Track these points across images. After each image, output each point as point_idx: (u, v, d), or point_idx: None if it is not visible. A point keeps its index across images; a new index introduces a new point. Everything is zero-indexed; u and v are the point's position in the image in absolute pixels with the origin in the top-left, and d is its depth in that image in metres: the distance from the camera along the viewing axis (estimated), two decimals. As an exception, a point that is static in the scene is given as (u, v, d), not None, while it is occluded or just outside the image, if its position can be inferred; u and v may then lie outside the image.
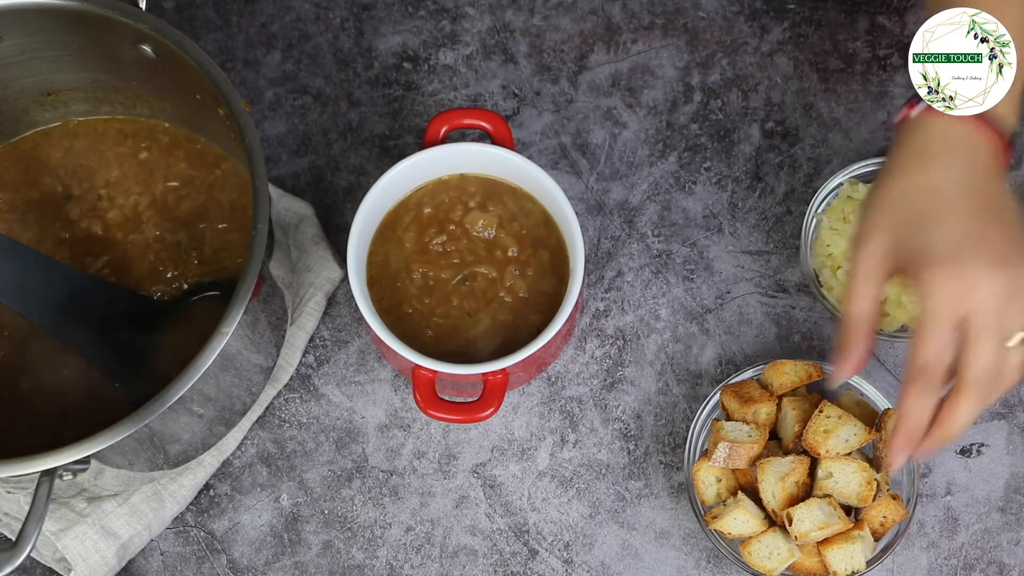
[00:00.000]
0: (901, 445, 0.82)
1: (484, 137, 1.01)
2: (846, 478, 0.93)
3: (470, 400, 0.94)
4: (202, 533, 1.02)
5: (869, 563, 0.94)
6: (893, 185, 0.83)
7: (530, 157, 1.00)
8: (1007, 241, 0.81)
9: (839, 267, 1.02)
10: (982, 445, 1.03)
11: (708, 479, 0.97)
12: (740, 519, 0.94)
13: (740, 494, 0.95)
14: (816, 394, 0.99)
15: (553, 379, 1.05)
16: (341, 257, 1.02)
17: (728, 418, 0.98)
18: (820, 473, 0.93)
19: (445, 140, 0.99)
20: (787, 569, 0.95)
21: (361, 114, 1.11)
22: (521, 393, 1.04)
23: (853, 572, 0.93)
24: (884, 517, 0.94)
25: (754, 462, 0.95)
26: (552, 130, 1.10)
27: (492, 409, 0.93)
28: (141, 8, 0.90)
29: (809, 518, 0.92)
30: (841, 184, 1.04)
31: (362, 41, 1.13)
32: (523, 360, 0.93)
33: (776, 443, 0.97)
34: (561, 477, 1.03)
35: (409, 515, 1.02)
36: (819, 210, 1.04)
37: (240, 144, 0.88)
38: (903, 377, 0.82)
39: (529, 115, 1.11)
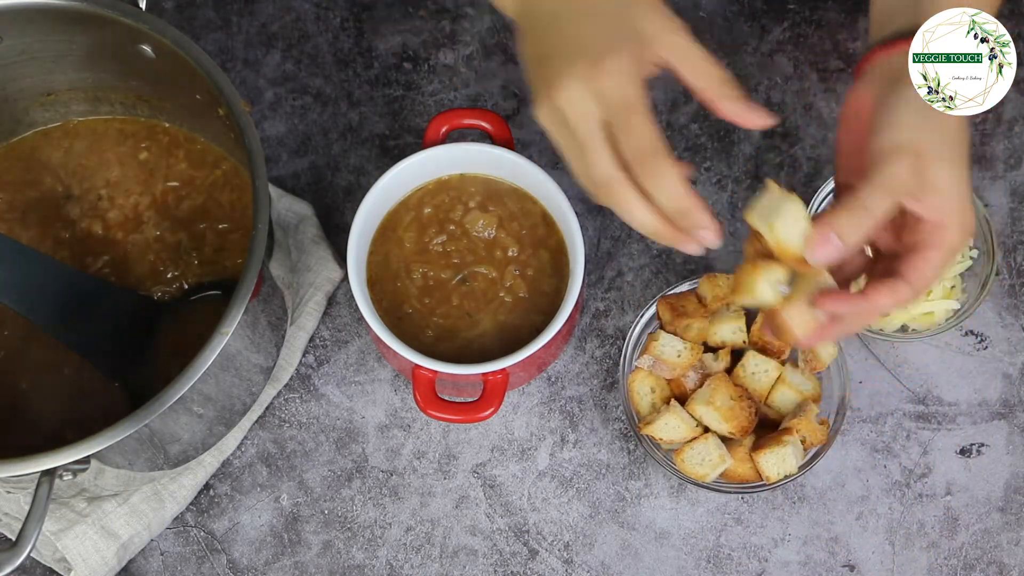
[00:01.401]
0: (837, 302, 0.80)
1: (484, 137, 1.01)
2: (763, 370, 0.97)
3: (470, 400, 0.94)
4: (202, 533, 1.02)
5: (800, 467, 0.96)
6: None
7: (530, 157, 1.00)
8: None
9: (839, 267, 1.02)
10: (982, 445, 1.03)
11: (643, 389, 0.98)
12: (672, 424, 0.95)
13: (673, 402, 0.97)
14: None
15: (553, 379, 1.05)
16: (341, 257, 1.02)
17: (662, 328, 1.00)
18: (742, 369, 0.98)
19: (445, 140, 0.99)
20: (720, 476, 0.97)
21: (361, 114, 1.11)
22: (521, 393, 1.04)
23: (785, 476, 0.95)
24: (804, 438, 0.96)
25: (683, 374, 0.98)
26: (552, 130, 1.10)
27: (492, 409, 0.93)
28: (141, 8, 0.90)
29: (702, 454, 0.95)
30: (841, 184, 1.04)
31: (362, 41, 1.13)
32: (523, 360, 0.93)
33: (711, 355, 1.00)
34: (561, 477, 1.03)
35: (409, 515, 1.02)
36: (819, 210, 1.04)
37: (240, 144, 0.88)
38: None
39: (529, 115, 1.11)
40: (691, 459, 0.95)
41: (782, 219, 0.78)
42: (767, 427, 0.99)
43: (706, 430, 0.96)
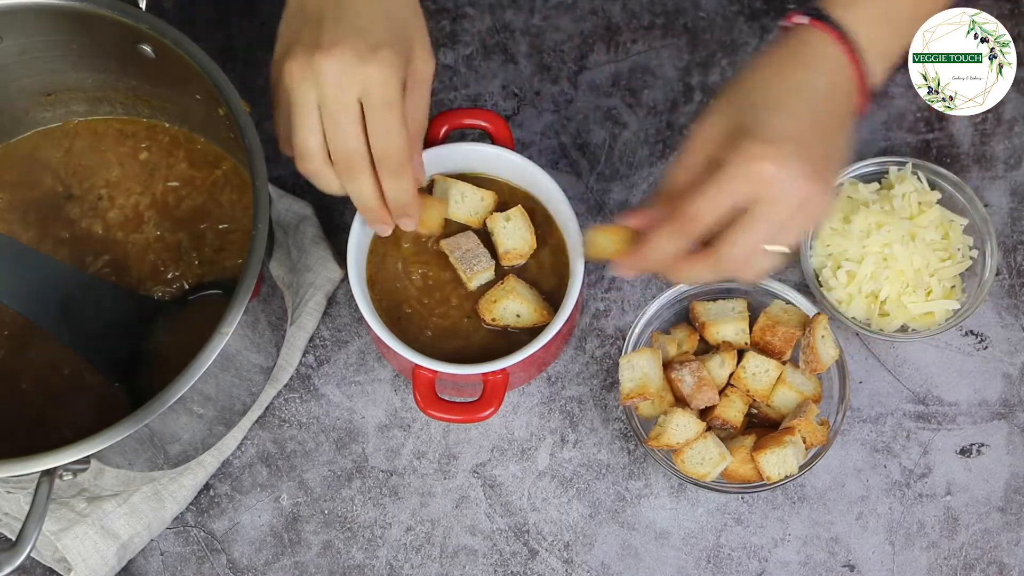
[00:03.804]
0: (629, 265, 0.84)
1: (484, 137, 1.01)
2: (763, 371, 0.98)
3: (470, 400, 0.94)
4: (202, 533, 1.02)
5: (801, 468, 0.96)
6: (749, 78, 0.84)
7: (530, 157, 1.00)
8: (826, 161, 0.81)
9: (839, 267, 1.02)
10: (982, 445, 1.03)
11: (633, 375, 0.98)
12: (682, 424, 0.95)
13: (675, 405, 0.97)
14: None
15: (553, 379, 1.05)
16: (341, 257, 1.02)
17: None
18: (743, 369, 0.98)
19: (445, 140, 0.99)
20: (721, 475, 0.97)
21: (361, 114, 1.11)
22: (521, 393, 1.04)
23: (786, 476, 0.95)
24: (805, 438, 0.96)
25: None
26: (552, 130, 1.10)
27: (492, 409, 0.93)
28: (141, 8, 0.90)
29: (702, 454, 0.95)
30: (841, 184, 1.04)
31: (362, 41, 1.13)
32: (523, 360, 0.93)
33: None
34: (561, 477, 1.03)
35: (409, 515, 1.02)
36: (819, 210, 1.04)
37: (240, 144, 0.88)
38: (664, 210, 0.82)
39: (529, 115, 1.11)
40: (691, 459, 0.95)
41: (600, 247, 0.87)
42: (768, 427, 0.99)
43: (708, 428, 0.96)
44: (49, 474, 0.82)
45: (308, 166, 0.85)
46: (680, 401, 0.98)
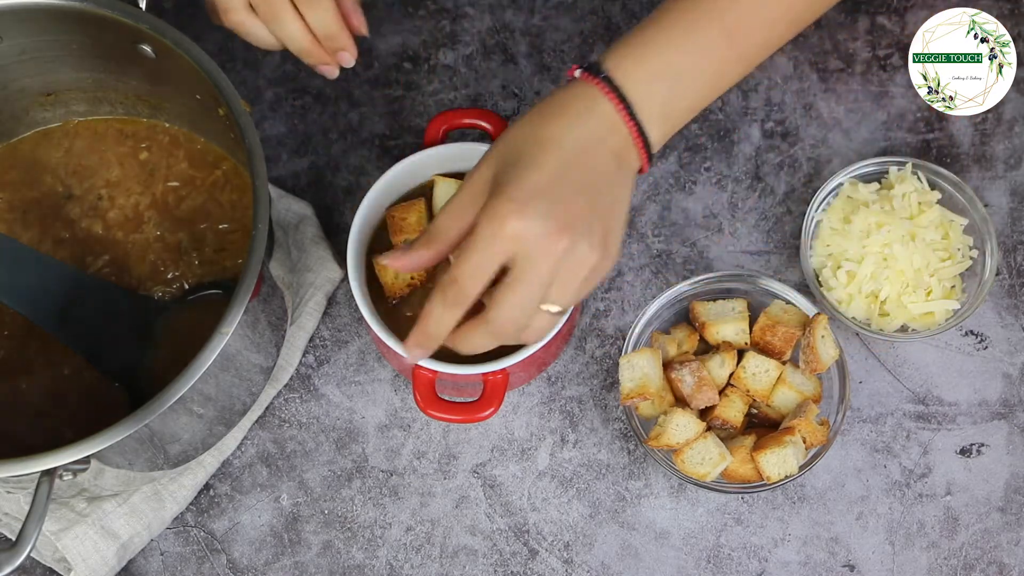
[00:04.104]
0: (414, 344, 0.82)
1: (484, 137, 1.01)
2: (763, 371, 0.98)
3: (470, 400, 0.94)
4: (202, 533, 1.02)
5: (801, 468, 0.96)
6: (519, 127, 0.82)
7: (530, 157, 1.00)
8: (585, 217, 0.78)
9: (839, 267, 1.02)
10: (982, 445, 1.03)
11: (633, 375, 0.97)
12: (682, 424, 0.95)
13: (674, 405, 0.97)
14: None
15: (553, 379, 1.05)
16: (341, 257, 1.02)
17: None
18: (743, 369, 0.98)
19: (445, 140, 0.99)
20: (721, 475, 0.97)
21: (361, 114, 1.11)
22: (521, 393, 1.04)
23: (786, 476, 0.95)
24: (804, 438, 0.96)
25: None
26: (552, 130, 1.10)
27: (492, 409, 0.93)
28: (141, 8, 0.90)
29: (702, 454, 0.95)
30: (841, 184, 1.04)
31: (362, 41, 1.13)
32: (523, 360, 0.93)
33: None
34: (561, 477, 1.03)
35: (409, 515, 1.02)
36: (819, 210, 1.04)
37: (240, 144, 0.88)
38: (426, 253, 0.81)
39: (529, 115, 1.11)
40: (691, 459, 0.95)
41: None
42: (768, 427, 0.99)
43: (708, 428, 0.96)
44: (49, 474, 0.82)
45: (233, 17, 0.87)
46: (680, 401, 0.98)
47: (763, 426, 0.99)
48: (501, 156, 0.80)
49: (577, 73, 0.83)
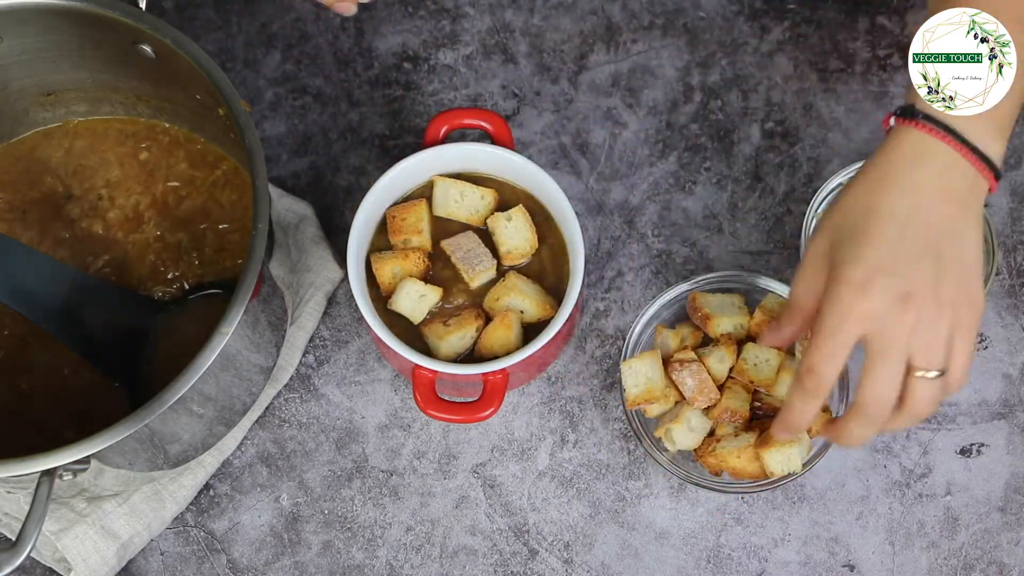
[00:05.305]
0: (780, 431, 0.85)
1: (484, 137, 1.01)
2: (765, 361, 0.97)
3: (470, 400, 0.94)
4: (202, 533, 1.02)
5: (804, 464, 0.96)
6: (851, 195, 0.82)
7: (530, 157, 1.00)
8: (930, 280, 0.78)
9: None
10: (982, 445, 1.03)
11: (637, 380, 0.97)
12: (691, 424, 0.96)
13: (681, 405, 0.97)
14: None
15: (553, 379, 1.05)
16: (341, 257, 1.02)
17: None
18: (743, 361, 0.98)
19: (445, 140, 0.99)
20: (729, 473, 0.97)
21: (361, 114, 1.12)
22: (521, 393, 1.04)
23: (790, 473, 0.95)
24: (810, 427, 0.95)
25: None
26: (552, 130, 1.10)
27: (492, 409, 0.93)
28: (141, 8, 0.90)
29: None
30: (841, 184, 1.04)
31: (362, 41, 1.13)
32: (523, 360, 0.93)
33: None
34: (561, 477, 1.03)
35: (409, 515, 1.02)
36: (819, 210, 1.04)
37: (240, 144, 0.88)
38: (797, 326, 0.84)
39: (529, 115, 1.11)
40: (678, 433, 0.95)
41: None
42: (773, 419, 0.98)
43: (715, 424, 0.97)
44: (49, 474, 0.82)
45: None
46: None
47: (768, 417, 0.99)
48: (836, 227, 0.81)
49: (892, 121, 0.82)
